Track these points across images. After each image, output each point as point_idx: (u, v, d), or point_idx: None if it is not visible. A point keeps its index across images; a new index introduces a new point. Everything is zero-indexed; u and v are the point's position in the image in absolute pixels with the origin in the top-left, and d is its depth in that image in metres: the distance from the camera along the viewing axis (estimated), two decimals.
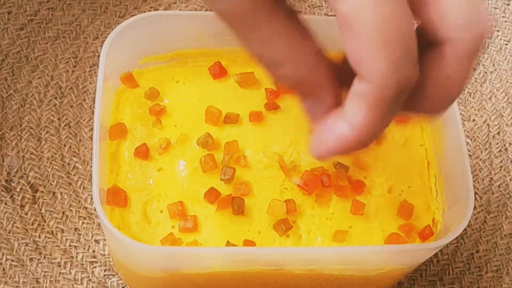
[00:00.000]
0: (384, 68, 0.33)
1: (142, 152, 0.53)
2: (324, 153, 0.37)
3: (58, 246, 0.61)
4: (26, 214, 0.62)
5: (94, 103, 0.59)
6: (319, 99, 0.37)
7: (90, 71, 0.68)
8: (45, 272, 0.60)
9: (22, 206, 0.62)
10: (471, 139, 0.69)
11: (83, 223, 0.62)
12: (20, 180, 0.63)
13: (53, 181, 0.63)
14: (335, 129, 0.35)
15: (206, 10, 0.72)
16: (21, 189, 0.63)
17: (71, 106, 0.66)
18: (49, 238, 0.61)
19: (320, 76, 0.37)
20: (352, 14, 0.32)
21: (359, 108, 0.34)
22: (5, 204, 0.62)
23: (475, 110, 0.71)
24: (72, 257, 0.61)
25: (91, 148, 0.64)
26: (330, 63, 0.37)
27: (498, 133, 0.70)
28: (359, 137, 0.35)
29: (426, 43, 0.36)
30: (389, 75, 0.33)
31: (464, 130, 0.68)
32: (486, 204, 0.66)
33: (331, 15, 0.74)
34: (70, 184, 0.63)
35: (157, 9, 0.72)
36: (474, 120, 0.70)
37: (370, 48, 0.32)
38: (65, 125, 0.66)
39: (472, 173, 0.52)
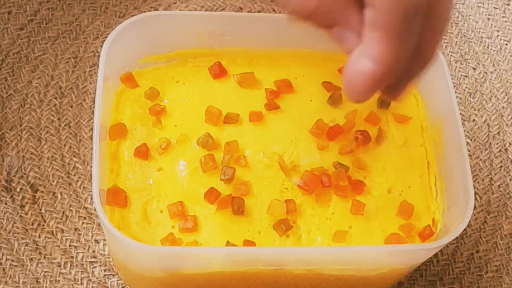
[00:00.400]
0: None
1: (142, 152, 0.53)
2: (359, 96, 0.36)
3: (58, 246, 0.61)
4: (26, 214, 0.62)
5: (94, 103, 0.59)
6: (343, 26, 0.36)
7: (90, 71, 0.68)
8: (45, 272, 0.60)
9: (22, 206, 0.62)
10: (471, 139, 0.69)
11: (83, 223, 0.62)
12: (20, 180, 0.63)
13: (53, 181, 0.63)
14: (360, 67, 0.34)
15: (206, 10, 0.73)
16: (21, 189, 0.63)
17: (71, 106, 0.66)
18: (49, 238, 0.61)
19: (338, 2, 0.35)
20: None
21: (375, 39, 0.33)
22: (5, 204, 0.62)
23: (475, 110, 0.71)
24: (72, 257, 0.61)
25: (91, 148, 0.63)
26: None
27: (498, 133, 0.70)
28: (385, 68, 0.34)
29: None
30: (397, 1, 0.32)
31: (464, 130, 0.68)
32: (486, 204, 0.66)
33: None
34: (70, 184, 0.63)
35: (157, 9, 0.72)
36: (474, 120, 0.70)
37: None
38: (65, 125, 0.66)
39: (472, 173, 0.52)
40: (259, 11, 0.73)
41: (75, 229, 0.62)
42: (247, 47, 0.58)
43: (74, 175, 0.64)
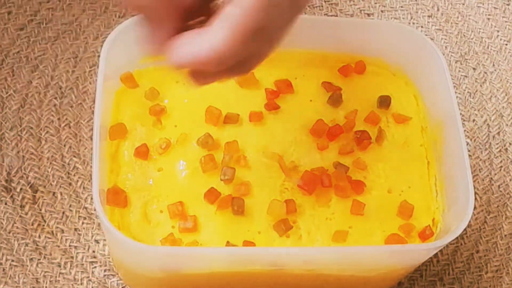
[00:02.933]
0: (258, 3, 0.36)
1: (142, 152, 0.53)
2: (179, 62, 0.38)
3: (58, 246, 0.61)
4: (26, 214, 0.62)
5: (94, 103, 0.59)
6: (160, 26, 0.40)
7: (90, 71, 0.68)
8: (45, 272, 0.60)
9: (22, 206, 0.62)
10: (471, 139, 0.69)
11: (83, 223, 0.62)
12: (20, 180, 0.63)
13: (53, 181, 0.63)
14: (195, 44, 0.37)
15: None
16: (21, 189, 0.63)
17: (71, 106, 0.66)
18: (49, 238, 0.61)
19: (161, 8, 0.40)
20: None
21: (223, 29, 0.36)
22: (5, 204, 0.62)
23: (475, 110, 0.71)
24: (72, 257, 0.61)
25: (91, 148, 0.64)
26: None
27: (498, 133, 0.70)
28: (215, 56, 0.37)
29: None
30: (260, 8, 0.36)
31: (464, 130, 0.68)
32: (486, 204, 0.66)
33: (331, 15, 0.74)
34: (70, 184, 0.63)
35: None
36: (474, 120, 0.70)
37: None
38: (65, 125, 0.66)
39: (472, 173, 0.52)
40: None
41: (75, 229, 0.62)
42: None
43: (74, 175, 0.64)
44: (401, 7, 0.76)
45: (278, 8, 0.37)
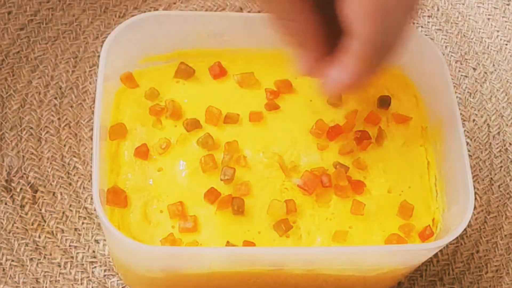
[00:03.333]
0: (370, 32, 0.42)
1: (142, 152, 0.53)
2: (332, 92, 0.48)
3: (58, 246, 0.61)
4: (26, 214, 0.62)
5: (94, 103, 0.59)
6: (308, 49, 0.47)
7: (90, 71, 0.68)
8: (45, 272, 0.60)
9: (22, 206, 0.62)
10: (471, 139, 0.69)
11: (83, 223, 0.62)
12: (20, 180, 0.63)
13: (53, 181, 0.63)
14: (336, 74, 0.45)
15: (206, 10, 0.72)
16: (21, 189, 0.63)
17: (71, 106, 0.66)
18: (49, 238, 0.61)
19: (309, 35, 0.46)
20: None
21: (350, 60, 0.44)
22: (5, 204, 0.62)
23: (475, 110, 0.71)
24: (72, 257, 0.61)
25: (91, 148, 0.64)
26: (321, 26, 0.46)
27: (498, 133, 0.70)
28: (352, 81, 0.45)
29: None
30: (374, 38, 0.42)
31: (464, 130, 0.68)
32: (486, 204, 0.66)
33: None
34: (70, 184, 0.63)
35: (157, 9, 0.72)
36: (474, 120, 0.70)
37: (362, 13, 0.41)
38: (65, 125, 0.66)
39: (472, 173, 0.52)
40: (259, 11, 0.72)
41: (75, 229, 0.62)
42: (247, 47, 0.58)
43: (74, 175, 0.64)
44: None
45: (394, 22, 0.42)
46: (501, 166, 0.68)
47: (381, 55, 0.44)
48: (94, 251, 0.61)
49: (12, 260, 0.60)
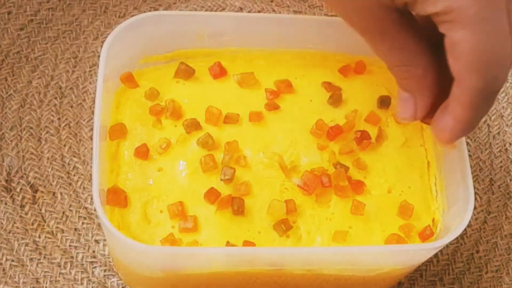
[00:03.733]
0: (476, 78, 0.43)
1: (142, 152, 0.53)
2: (446, 140, 0.48)
3: (58, 246, 0.61)
4: (26, 214, 0.62)
5: (94, 103, 0.59)
6: (419, 98, 0.48)
7: (90, 71, 0.68)
8: (45, 272, 0.60)
9: (22, 206, 0.62)
10: (471, 139, 0.69)
11: (83, 223, 0.62)
12: (20, 180, 0.63)
13: (53, 181, 0.63)
14: (447, 122, 0.46)
15: (206, 10, 0.73)
16: (21, 189, 0.63)
17: (71, 106, 0.66)
18: (49, 238, 0.61)
19: (426, 81, 0.47)
20: (456, 40, 0.42)
21: (459, 107, 0.45)
22: (5, 204, 0.62)
23: None
24: (72, 257, 0.61)
25: (91, 148, 0.64)
26: (435, 69, 0.47)
27: (498, 133, 0.70)
28: (463, 125, 0.46)
29: None
30: (479, 88, 0.43)
31: None
32: (486, 204, 0.66)
33: (331, 15, 0.74)
34: (70, 184, 0.63)
35: (157, 9, 0.72)
36: None
37: (467, 67, 0.43)
38: (65, 125, 0.66)
39: (472, 173, 0.53)
40: (259, 11, 0.72)
41: (75, 229, 0.62)
42: (247, 47, 0.58)
43: (74, 175, 0.64)
44: None
45: (501, 70, 0.44)
46: (501, 166, 0.68)
47: (490, 102, 0.45)
48: (94, 251, 0.61)
49: (12, 260, 0.60)
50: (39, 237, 0.61)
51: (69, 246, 0.61)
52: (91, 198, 0.62)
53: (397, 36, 0.46)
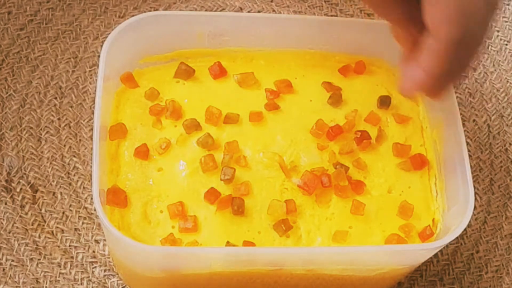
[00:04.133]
0: (449, 30, 0.42)
1: (142, 152, 0.53)
2: (409, 90, 0.48)
3: (58, 246, 0.61)
4: (26, 214, 0.62)
5: (94, 103, 0.59)
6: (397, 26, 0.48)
7: (90, 71, 0.68)
8: (45, 272, 0.60)
9: (22, 206, 0.62)
10: (471, 140, 0.69)
11: (83, 223, 0.62)
12: (20, 180, 0.63)
13: (53, 181, 0.63)
14: (414, 73, 0.45)
15: (206, 10, 0.72)
16: (21, 189, 0.63)
17: (71, 106, 0.66)
18: (49, 238, 0.61)
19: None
20: None
21: (430, 58, 0.44)
22: (5, 204, 0.62)
23: (475, 110, 0.71)
24: (72, 257, 0.61)
25: (91, 148, 0.63)
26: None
27: (499, 133, 0.70)
28: (431, 78, 0.45)
29: None
30: (455, 39, 0.42)
31: (465, 131, 0.68)
32: (486, 205, 0.66)
33: (331, 15, 0.74)
34: (70, 184, 0.63)
35: (157, 9, 0.72)
36: (474, 120, 0.70)
37: (444, 15, 0.42)
38: (65, 125, 0.66)
39: (472, 173, 0.52)
40: (259, 11, 0.72)
41: (75, 229, 0.62)
42: (247, 47, 0.58)
43: (74, 175, 0.64)
44: None
45: (476, 24, 0.43)
46: (501, 166, 0.68)
47: (461, 58, 0.45)
48: (94, 251, 0.61)
49: (12, 260, 0.60)
50: (39, 237, 0.61)
51: (69, 246, 0.61)
52: (91, 198, 0.62)
53: None
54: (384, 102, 0.58)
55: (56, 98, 0.67)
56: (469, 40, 0.43)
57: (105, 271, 0.60)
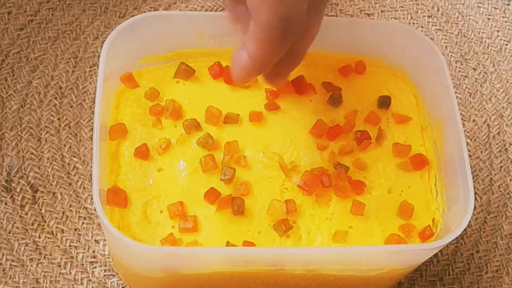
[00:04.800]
0: (268, 13, 0.42)
1: (142, 152, 0.53)
2: (239, 78, 0.47)
3: (58, 246, 0.61)
4: (26, 214, 0.62)
5: (94, 103, 0.59)
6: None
7: (90, 71, 0.68)
8: (45, 272, 0.60)
9: (22, 206, 0.62)
10: (471, 139, 0.69)
11: (83, 223, 0.62)
12: (20, 180, 0.63)
13: (53, 181, 0.63)
14: (240, 58, 0.45)
15: (206, 10, 0.72)
16: (21, 189, 0.63)
17: (71, 106, 0.66)
18: (49, 238, 0.61)
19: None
20: None
21: (252, 42, 0.44)
22: (5, 204, 0.62)
23: (475, 110, 0.71)
24: (72, 257, 0.61)
25: (91, 148, 0.64)
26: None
27: (498, 133, 0.70)
28: (255, 63, 0.45)
29: None
30: (272, 20, 0.42)
31: (464, 130, 0.68)
32: (486, 205, 0.66)
33: (331, 15, 0.74)
34: (70, 184, 0.63)
35: (157, 9, 0.72)
36: (474, 120, 0.70)
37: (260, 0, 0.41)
38: (65, 125, 0.66)
39: (472, 173, 0.52)
40: None
41: (75, 229, 0.62)
42: None
43: (74, 175, 0.64)
44: (401, 7, 0.76)
45: (293, 8, 0.43)
46: (501, 166, 0.68)
47: (283, 40, 0.44)
48: (94, 251, 0.61)
49: (12, 260, 0.60)
50: (39, 237, 0.61)
51: (69, 246, 0.61)
52: (91, 198, 0.62)
53: None
54: (384, 102, 0.58)
55: (56, 98, 0.67)
56: (289, 25, 0.43)
57: (105, 271, 0.60)
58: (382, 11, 0.76)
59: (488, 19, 0.76)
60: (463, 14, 0.76)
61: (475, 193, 0.54)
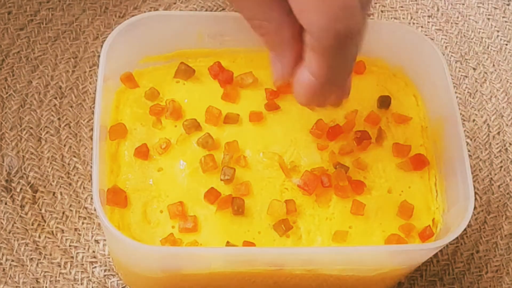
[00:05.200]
0: (321, 21, 0.38)
1: (142, 152, 0.53)
2: (303, 100, 0.44)
3: (58, 246, 0.61)
4: (26, 214, 0.62)
5: (94, 103, 0.59)
6: (281, 54, 0.44)
7: (90, 71, 0.68)
8: (45, 272, 0.60)
9: (22, 206, 0.62)
10: (471, 139, 0.69)
11: (83, 223, 0.62)
12: (20, 180, 0.63)
13: (53, 181, 0.63)
14: (302, 78, 0.42)
15: (206, 10, 0.73)
16: (21, 189, 0.63)
17: (71, 106, 0.66)
18: (49, 238, 0.61)
19: (283, 36, 0.43)
20: None
21: (312, 57, 0.40)
22: (5, 204, 0.62)
23: (475, 110, 0.71)
24: (72, 257, 0.61)
25: (91, 148, 0.64)
26: (297, 26, 0.41)
27: (498, 133, 0.70)
28: (320, 81, 0.42)
29: None
30: (326, 27, 0.38)
31: (464, 130, 0.68)
32: (486, 204, 0.66)
33: None
34: (70, 184, 0.63)
35: (157, 9, 0.72)
36: (474, 120, 0.70)
37: (309, 1, 0.38)
38: (65, 125, 0.66)
39: (472, 173, 0.52)
40: None
41: (75, 229, 0.62)
42: (247, 47, 0.58)
43: (74, 175, 0.64)
44: (401, 7, 0.76)
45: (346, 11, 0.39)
46: (501, 166, 0.68)
47: (345, 46, 0.40)
48: (94, 251, 0.61)
49: (12, 260, 0.60)
50: (39, 237, 0.61)
51: (69, 246, 0.61)
52: (91, 198, 0.62)
53: None
54: (384, 102, 0.58)
55: (56, 98, 0.67)
56: (342, 31, 0.39)
57: (105, 271, 0.60)
58: (382, 11, 0.76)
59: (488, 19, 0.76)
60: (463, 14, 0.76)
61: (475, 193, 0.54)
